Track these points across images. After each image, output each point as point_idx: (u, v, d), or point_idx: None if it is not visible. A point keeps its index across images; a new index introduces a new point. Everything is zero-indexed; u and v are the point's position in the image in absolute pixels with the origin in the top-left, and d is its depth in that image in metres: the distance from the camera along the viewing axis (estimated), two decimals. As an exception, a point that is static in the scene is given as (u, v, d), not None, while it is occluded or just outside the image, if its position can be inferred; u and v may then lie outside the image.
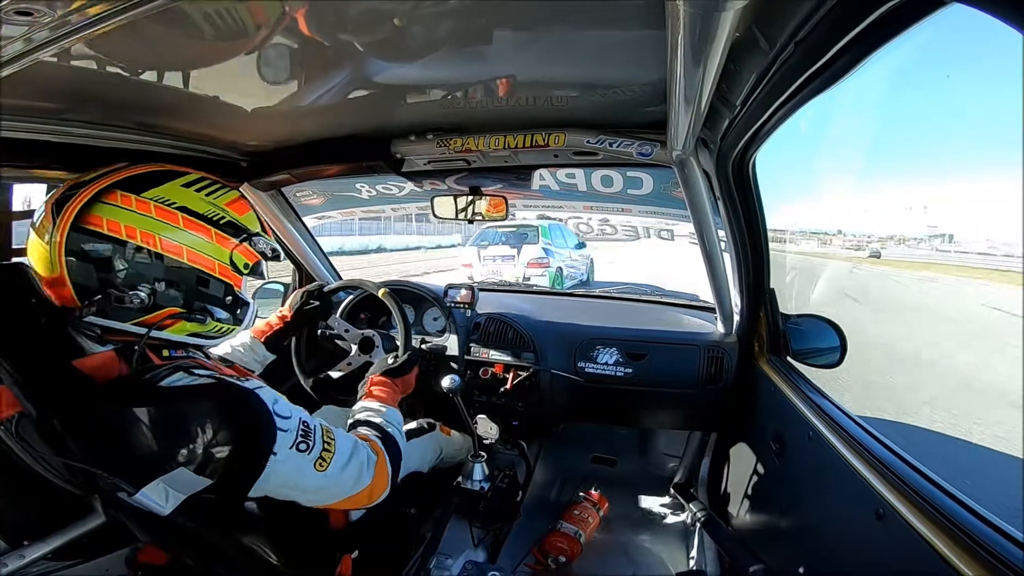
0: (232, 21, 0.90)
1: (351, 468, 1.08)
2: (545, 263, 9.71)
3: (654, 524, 2.19)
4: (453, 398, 1.73)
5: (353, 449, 1.10)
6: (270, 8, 0.87)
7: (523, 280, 9.10)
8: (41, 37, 0.76)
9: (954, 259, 23.42)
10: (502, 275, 9.40)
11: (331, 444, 1.05)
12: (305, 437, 1.01)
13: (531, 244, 9.77)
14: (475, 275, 9.60)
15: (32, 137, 1.25)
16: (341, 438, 1.09)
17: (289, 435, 0.99)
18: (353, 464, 1.08)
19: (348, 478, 1.08)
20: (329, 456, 1.04)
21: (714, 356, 1.99)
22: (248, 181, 1.96)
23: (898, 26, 0.66)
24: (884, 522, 0.93)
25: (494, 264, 9.88)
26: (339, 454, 1.06)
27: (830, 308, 7.66)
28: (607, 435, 2.60)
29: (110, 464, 0.90)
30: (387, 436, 1.25)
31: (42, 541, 1.10)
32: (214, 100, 1.29)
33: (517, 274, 9.45)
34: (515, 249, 9.78)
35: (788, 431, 1.50)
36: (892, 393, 4.74)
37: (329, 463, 1.03)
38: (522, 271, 9.51)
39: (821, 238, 26.63)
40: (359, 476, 1.09)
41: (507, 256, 9.84)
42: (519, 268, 9.58)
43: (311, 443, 1.01)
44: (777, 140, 1.23)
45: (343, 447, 1.08)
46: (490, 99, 1.36)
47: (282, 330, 1.75)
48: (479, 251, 10.11)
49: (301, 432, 1.01)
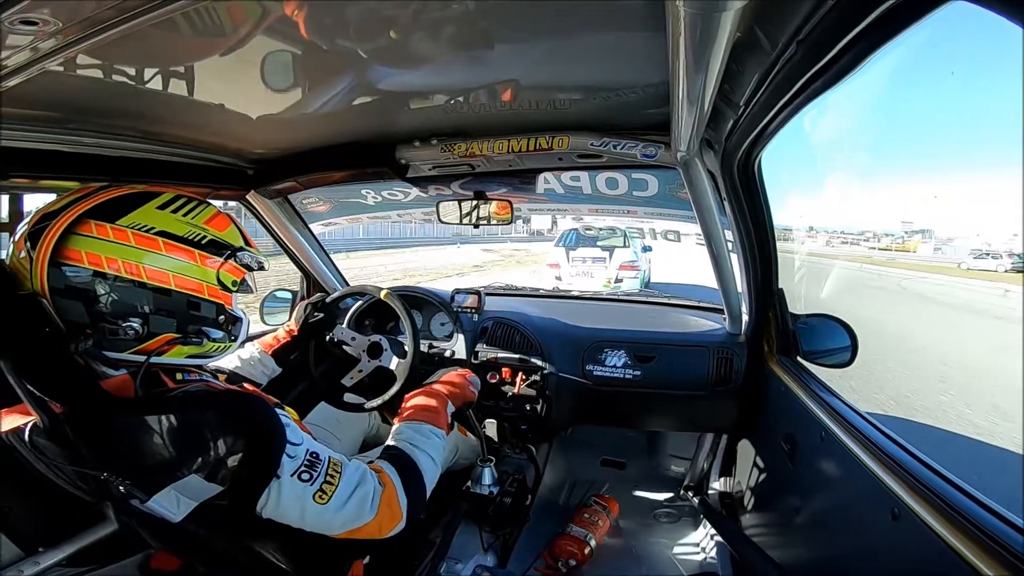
0: (235, 29, 0.91)
1: (352, 503, 1.02)
2: (636, 266, 9.89)
3: (664, 527, 2.17)
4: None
5: (360, 481, 1.05)
6: (273, 15, 0.88)
7: (615, 281, 9.42)
8: (46, 47, 0.76)
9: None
10: (593, 277, 9.65)
11: (335, 477, 1.01)
12: (310, 467, 0.98)
13: (623, 248, 10.00)
14: (563, 275, 9.84)
15: (41, 147, 1.26)
16: (348, 470, 1.05)
17: (294, 462, 0.97)
18: (355, 498, 1.03)
19: (348, 513, 1.02)
20: (331, 489, 0.99)
21: (723, 357, 1.98)
22: (255, 189, 1.98)
23: (900, 24, 0.66)
24: (900, 522, 0.92)
25: (584, 266, 9.93)
26: (343, 487, 1.01)
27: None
28: (616, 438, 2.59)
29: (123, 472, 0.90)
30: (407, 465, 1.17)
31: (56, 548, 1.11)
32: (220, 108, 1.30)
33: (610, 275, 9.58)
34: (607, 252, 9.92)
35: (800, 432, 1.48)
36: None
37: (330, 496, 0.99)
38: (615, 273, 9.63)
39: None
40: (360, 511, 1.03)
41: (599, 258, 9.92)
42: (611, 270, 9.70)
43: (315, 474, 0.98)
44: (784, 139, 1.23)
45: (349, 479, 1.03)
46: (493, 103, 1.37)
47: (290, 344, 1.76)
48: (567, 252, 10.15)
49: (307, 462, 0.98)
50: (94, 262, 0.95)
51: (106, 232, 0.96)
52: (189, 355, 1.07)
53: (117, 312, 0.97)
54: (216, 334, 1.11)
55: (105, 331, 0.95)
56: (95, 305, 0.96)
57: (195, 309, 1.06)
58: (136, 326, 0.97)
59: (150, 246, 0.99)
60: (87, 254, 0.94)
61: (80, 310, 0.94)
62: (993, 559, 0.71)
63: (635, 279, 9.65)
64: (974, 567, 0.72)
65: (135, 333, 0.97)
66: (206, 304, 1.08)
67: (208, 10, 0.81)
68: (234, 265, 1.11)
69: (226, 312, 1.13)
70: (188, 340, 1.05)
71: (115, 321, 0.96)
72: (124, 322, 0.96)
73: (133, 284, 0.98)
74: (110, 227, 0.96)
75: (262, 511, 0.97)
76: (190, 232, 1.04)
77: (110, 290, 0.96)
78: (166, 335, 1.02)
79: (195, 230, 1.05)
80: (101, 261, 0.95)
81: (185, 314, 1.05)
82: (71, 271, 0.94)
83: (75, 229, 0.95)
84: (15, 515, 1.07)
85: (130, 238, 0.97)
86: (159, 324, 1.01)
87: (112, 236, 0.96)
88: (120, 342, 0.97)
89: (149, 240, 0.99)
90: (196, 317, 1.07)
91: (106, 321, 0.96)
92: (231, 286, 1.12)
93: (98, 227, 0.96)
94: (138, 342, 0.99)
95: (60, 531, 1.12)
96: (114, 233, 0.96)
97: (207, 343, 1.09)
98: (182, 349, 1.05)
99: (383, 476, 1.11)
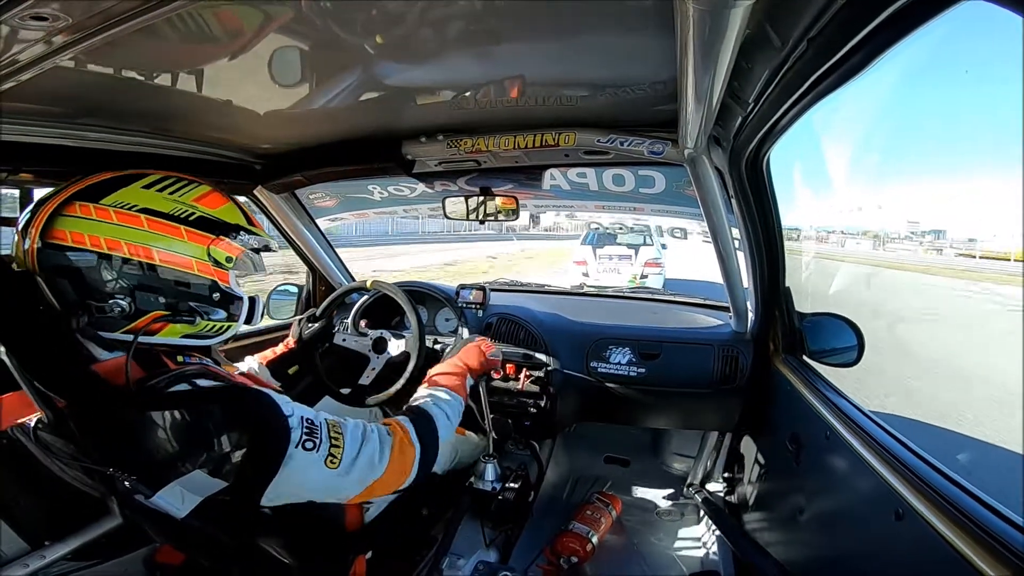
0: (243, 26, 0.91)
1: (363, 458, 1.03)
2: (660, 263, 10.32)
3: (667, 525, 2.17)
4: (477, 385, 1.75)
5: (363, 436, 1.05)
6: (281, 11, 0.88)
7: (640, 277, 9.95)
8: (57, 42, 0.77)
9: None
10: (620, 273, 10.16)
11: (339, 438, 1.01)
12: (310, 434, 0.97)
13: (647, 246, 10.49)
14: (590, 272, 10.30)
15: (48, 142, 1.27)
16: (348, 428, 1.05)
17: (294, 432, 0.96)
18: (365, 453, 1.03)
19: (361, 468, 1.02)
20: (339, 452, 0.99)
21: (729, 355, 1.97)
22: (262, 184, 1.99)
23: (914, 21, 0.65)
24: (903, 522, 0.91)
25: (611, 263, 10.35)
26: (349, 445, 1.01)
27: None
28: (620, 435, 2.59)
29: (128, 467, 0.91)
30: (420, 413, 1.20)
31: (62, 542, 1.12)
32: (227, 103, 1.30)
33: (636, 272, 10.06)
34: (633, 249, 10.38)
35: (805, 431, 1.48)
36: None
37: (340, 459, 0.99)
38: (640, 269, 10.08)
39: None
40: (371, 464, 1.04)
41: (624, 256, 10.34)
42: (637, 267, 10.14)
43: (317, 440, 0.97)
44: (794, 137, 1.22)
45: (353, 436, 1.04)
46: (500, 99, 1.36)
47: (287, 356, 1.77)
48: (594, 250, 10.55)
49: (306, 429, 0.97)
50: (78, 240, 0.97)
51: (89, 211, 0.98)
52: (184, 335, 1.07)
53: (103, 290, 0.98)
54: (217, 314, 1.11)
55: (93, 309, 0.96)
56: (82, 284, 0.97)
57: (184, 286, 1.07)
58: (123, 303, 0.98)
59: (133, 223, 1.00)
60: (71, 233, 0.97)
61: (68, 289, 0.96)
62: (997, 560, 0.70)
63: (659, 275, 10.08)
64: (977, 568, 0.72)
65: (121, 310, 0.98)
66: (196, 281, 1.08)
67: (216, 7, 0.81)
68: (228, 242, 1.11)
69: (221, 290, 1.12)
70: (179, 318, 1.05)
71: (102, 299, 0.97)
72: (111, 299, 0.98)
73: (117, 261, 0.99)
74: (93, 207, 0.98)
75: (269, 500, 0.97)
76: (176, 209, 1.05)
77: (94, 268, 0.98)
78: (154, 312, 1.03)
79: (182, 207, 1.06)
80: (84, 239, 0.97)
81: (173, 291, 1.05)
82: (57, 251, 0.96)
83: (62, 211, 0.97)
84: (21, 509, 1.08)
85: (112, 216, 0.99)
86: (145, 301, 1.02)
87: (95, 215, 0.98)
88: (109, 320, 0.98)
89: (131, 217, 1.00)
90: (186, 294, 1.07)
91: (93, 299, 0.97)
92: (225, 263, 1.11)
93: (82, 207, 0.98)
94: (127, 320, 1.00)
95: (65, 525, 1.13)
96: (97, 212, 0.98)
97: (201, 322, 1.08)
98: (174, 328, 1.05)
99: (393, 425, 1.13)
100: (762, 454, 1.86)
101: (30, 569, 1.08)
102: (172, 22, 0.83)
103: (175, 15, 0.78)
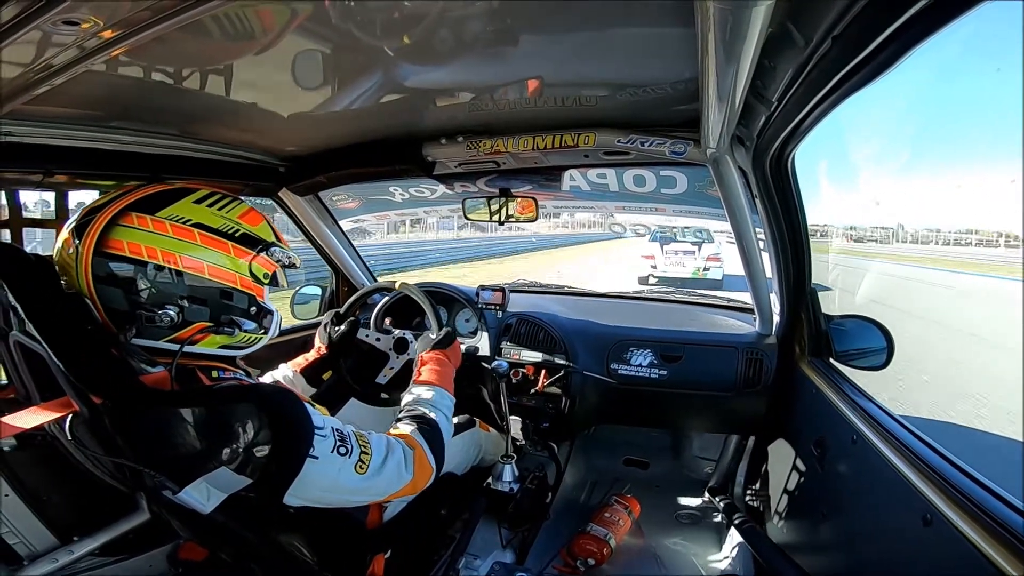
0: (267, 29, 0.93)
1: (389, 468, 1.12)
2: (719, 258, 11.70)
3: (687, 528, 2.14)
4: (498, 382, 1.78)
5: (388, 449, 1.14)
6: (304, 14, 0.89)
7: (703, 270, 11.59)
8: (89, 46, 0.79)
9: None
10: (685, 266, 11.78)
11: (367, 446, 1.09)
12: (343, 442, 1.05)
13: (709, 243, 11.92)
14: (657, 265, 11.97)
15: (82, 145, 1.31)
16: (374, 440, 1.13)
17: (327, 441, 1.02)
18: (390, 464, 1.12)
19: (387, 476, 1.12)
20: (367, 458, 1.08)
21: (753, 358, 1.94)
22: (286, 186, 2.02)
23: (942, 18, 0.63)
24: (932, 528, 0.89)
25: (677, 257, 12.00)
26: (376, 455, 1.10)
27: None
28: (639, 437, 2.57)
29: (157, 463, 0.94)
30: (429, 424, 1.29)
31: (90, 537, 1.16)
32: (252, 106, 1.33)
33: (699, 265, 11.70)
34: (696, 245, 11.89)
35: (830, 434, 1.44)
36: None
37: (368, 465, 1.07)
38: (703, 263, 11.72)
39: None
40: (398, 474, 1.14)
41: (688, 251, 11.96)
42: (700, 260, 11.77)
43: (349, 447, 1.05)
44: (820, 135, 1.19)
45: (378, 447, 1.12)
46: (519, 100, 1.36)
47: (319, 363, 1.81)
48: (661, 246, 12.15)
49: (339, 439, 1.05)
50: (135, 251, 1.00)
51: (147, 223, 1.01)
52: (221, 345, 1.11)
53: (155, 300, 1.02)
54: (248, 325, 1.14)
55: (142, 318, 0.99)
56: (134, 292, 1.00)
57: (228, 299, 1.10)
58: (172, 314, 1.01)
59: (187, 237, 1.03)
60: (128, 243, 1.00)
61: (120, 298, 0.99)
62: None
63: (719, 269, 11.54)
64: (1007, 575, 0.70)
65: (171, 320, 1.01)
66: (239, 295, 1.12)
67: (242, 10, 0.83)
68: (266, 259, 1.15)
69: (258, 304, 1.17)
70: (220, 330, 1.09)
71: (152, 309, 1.00)
72: (160, 309, 1.01)
73: (170, 273, 1.02)
74: (150, 218, 1.01)
75: (293, 499, 1.00)
76: (224, 225, 1.09)
77: (149, 278, 1.01)
78: (200, 323, 1.06)
79: (229, 223, 1.10)
80: (141, 250, 1.00)
81: (218, 303, 1.09)
82: (113, 260, 0.99)
83: (119, 220, 1.00)
84: (53, 505, 1.12)
85: (168, 229, 1.02)
86: (193, 313, 1.05)
87: (152, 227, 1.01)
88: (156, 329, 1.01)
89: (186, 231, 1.04)
90: (229, 307, 1.11)
91: (144, 308, 1.00)
92: (263, 279, 1.15)
93: (139, 218, 1.01)
94: (173, 330, 1.03)
95: (94, 520, 1.17)
96: (154, 224, 1.01)
97: (239, 333, 1.12)
98: (215, 339, 1.09)
99: (409, 440, 1.22)
100: (786, 458, 1.82)
101: (59, 564, 1.11)
102: (201, 25, 0.84)
103: (204, 17, 0.80)
